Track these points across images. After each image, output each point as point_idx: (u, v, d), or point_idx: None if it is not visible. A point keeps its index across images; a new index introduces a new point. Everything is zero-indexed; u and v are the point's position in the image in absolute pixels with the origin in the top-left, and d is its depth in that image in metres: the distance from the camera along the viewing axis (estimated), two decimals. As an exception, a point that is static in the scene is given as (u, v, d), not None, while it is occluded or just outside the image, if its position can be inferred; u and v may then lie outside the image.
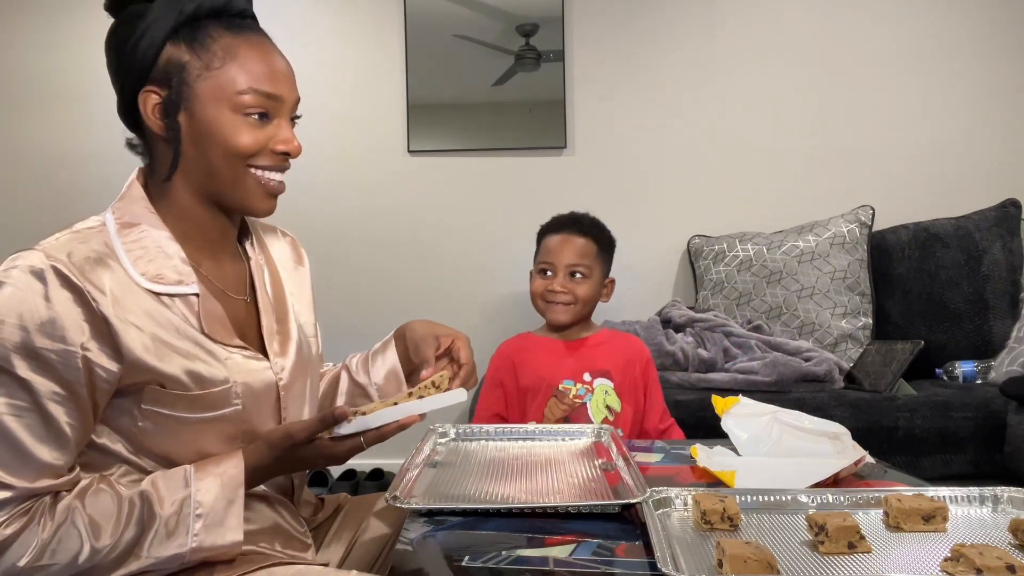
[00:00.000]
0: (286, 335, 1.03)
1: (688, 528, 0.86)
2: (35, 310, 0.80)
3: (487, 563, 0.77)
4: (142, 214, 0.92)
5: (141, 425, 0.88)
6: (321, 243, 2.80)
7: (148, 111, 0.90)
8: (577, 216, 1.77)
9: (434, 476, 1.07)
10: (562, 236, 1.72)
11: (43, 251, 0.83)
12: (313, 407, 1.09)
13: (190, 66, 0.89)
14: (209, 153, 0.91)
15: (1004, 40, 2.77)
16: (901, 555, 0.78)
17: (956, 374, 2.33)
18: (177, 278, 0.91)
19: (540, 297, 1.71)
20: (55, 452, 0.81)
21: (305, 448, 0.91)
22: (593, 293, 1.72)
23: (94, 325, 0.83)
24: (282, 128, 0.94)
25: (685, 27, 2.85)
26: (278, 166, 0.95)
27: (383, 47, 2.87)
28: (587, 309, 1.73)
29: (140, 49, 0.89)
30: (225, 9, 0.92)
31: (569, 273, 1.69)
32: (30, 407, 0.80)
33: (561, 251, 1.70)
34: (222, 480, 0.87)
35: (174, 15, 0.89)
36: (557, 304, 1.68)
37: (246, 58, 0.91)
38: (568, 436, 1.27)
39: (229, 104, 0.90)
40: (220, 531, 0.85)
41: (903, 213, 2.67)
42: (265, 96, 0.91)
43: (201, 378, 0.89)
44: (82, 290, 0.82)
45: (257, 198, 0.95)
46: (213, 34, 0.90)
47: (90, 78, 2.83)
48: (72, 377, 0.81)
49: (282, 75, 0.94)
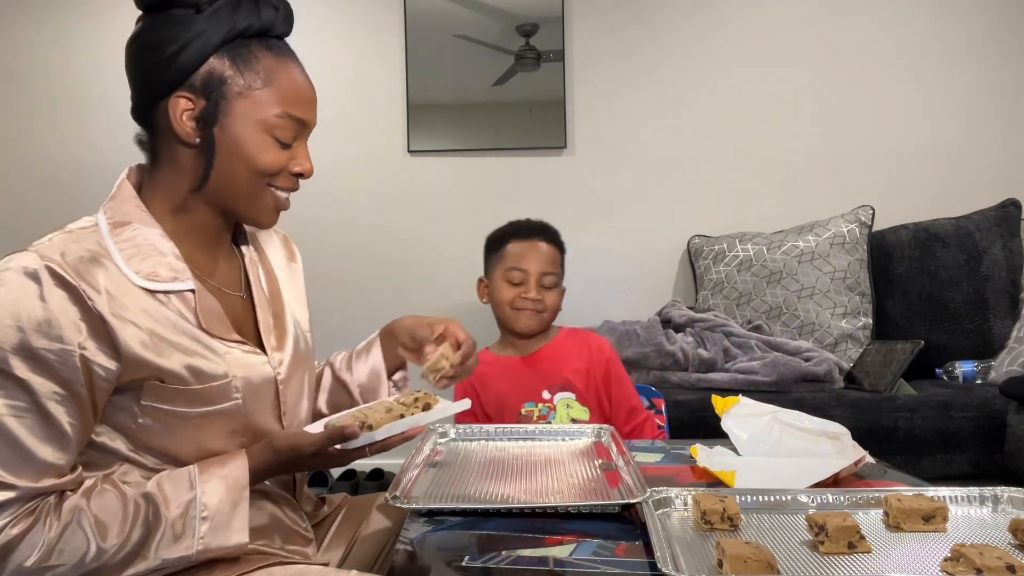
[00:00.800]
0: (283, 330, 1.04)
1: (688, 528, 0.86)
2: (31, 310, 0.80)
3: (487, 563, 0.77)
4: (133, 212, 0.93)
5: (141, 422, 0.88)
6: (321, 243, 2.80)
7: (178, 116, 0.91)
8: (541, 223, 1.74)
9: (434, 476, 1.07)
10: (531, 243, 1.68)
11: (36, 252, 0.83)
12: (311, 401, 1.09)
13: (232, 82, 0.91)
14: (235, 168, 0.93)
15: (1004, 41, 2.77)
16: (901, 555, 0.78)
17: (956, 374, 2.33)
18: (172, 275, 0.91)
19: (510, 305, 1.66)
20: (57, 452, 0.82)
21: (310, 459, 0.92)
22: (559, 302, 1.70)
23: (91, 324, 0.83)
24: (301, 150, 0.98)
25: (685, 27, 2.85)
26: (293, 187, 0.99)
27: (383, 47, 2.87)
28: (554, 317, 1.70)
29: (184, 56, 0.90)
30: (270, 31, 0.95)
31: (540, 282, 1.65)
32: (30, 407, 0.80)
33: (532, 259, 1.66)
34: (227, 482, 0.87)
35: (225, 30, 0.90)
36: (529, 311, 1.65)
37: (284, 82, 0.94)
38: (568, 436, 1.27)
39: (263, 125, 0.93)
40: (226, 533, 0.86)
41: (903, 213, 2.67)
42: (296, 121, 0.95)
43: (200, 373, 0.89)
44: (77, 289, 0.82)
45: (268, 213, 0.99)
46: (257, 54, 0.93)
47: (94, 81, 2.84)
48: (71, 376, 0.81)
49: (311, 101, 0.98)
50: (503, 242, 1.72)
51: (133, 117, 0.96)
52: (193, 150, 0.93)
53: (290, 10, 0.98)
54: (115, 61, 1.00)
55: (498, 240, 1.74)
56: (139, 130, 0.97)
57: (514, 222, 1.77)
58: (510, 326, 1.68)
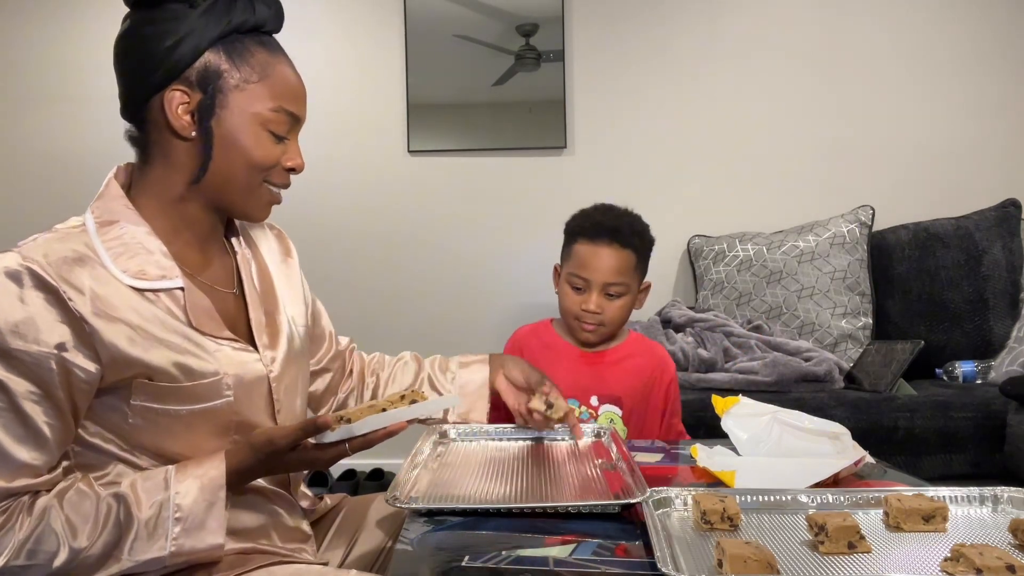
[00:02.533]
0: (276, 327, 1.03)
1: (688, 528, 0.86)
2: (9, 312, 0.80)
3: (487, 563, 0.77)
4: (120, 211, 0.93)
5: (132, 422, 0.88)
6: (321, 242, 2.81)
7: (173, 110, 0.91)
8: (617, 224, 1.53)
9: (434, 476, 1.07)
10: (597, 248, 1.50)
11: (19, 253, 0.83)
12: (303, 398, 1.09)
13: (228, 75, 0.92)
14: (232, 161, 0.94)
15: (1004, 41, 2.77)
16: (901, 555, 0.78)
17: (956, 374, 2.33)
18: (160, 273, 0.91)
19: (570, 313, 1.54)
20: (33, 452, 0.81)
21: (288, 454, 0.90)
22: (627, 310, 1.55)
23: (71, 325, 0.83)
24: (292, 145, 0.99)
25: (685, 27, 2.85)
26: (286, 183, 1.00)
27: (383, 47, 2.87)
28: (618, 329, 1.58)
29: (180, 50, 0.90)
30: (263, 27, 0.96)
31: (604, 291, 1.50)
32: (6, 407, 0.80)
33: (597, 267, 1.49)
34: (201, 482, 0.86)
35: (221, 24, 0.91)
36: (589, 325, 1.53)
37: (277, 77, 0.95)
38: (568, 436, 1.27)
39: (258, 118, 0.94)
40: (200, 534, 0.85)
41: (903, 213, 2.67)
42: (289, 115, 0.96)
43: (190, 370, 0.89)
44: (57, 290, 0.82)
45: (261, 208, 1.00)
46: (251, 49, 0.94)
47: (87, 77, 2.83)
48: (47, 378, 0.81)
49: (303, 97, 0.99)
50: (574, 238, 1.56)
51: (123, 114, 0.96)
52: (188, 144, 0.93)
53: (281, 8, 0.99)
54: (100, 58, 1.00)
55: (570, 233, 1.58)
56: (128, 126, 0.97)
57: (590, 212, 1.58)
58: (571, 333, 1.59)
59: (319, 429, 0.88)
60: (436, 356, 1.32)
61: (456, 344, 1.64)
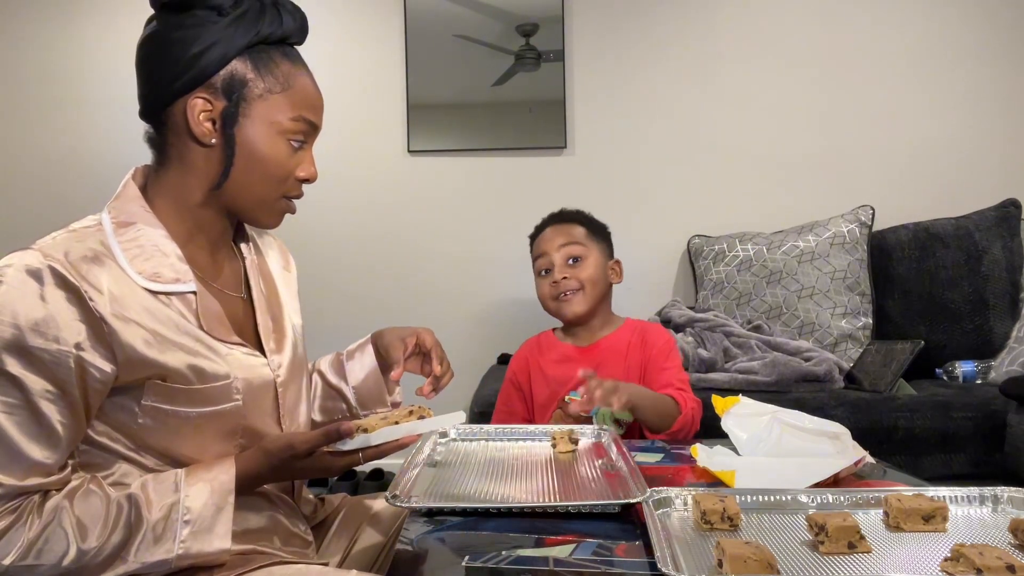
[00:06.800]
0: (282, 333, 1.04)
1: (688, 528, 0.86)
2: (30, 309, 0.80)
3: (487, 563, 0.77)
4: (138, 213, 0.93)
5: (141, 422, 0.88)
6: (321, 243, 2.81)
7: (195, 116, 0.92)
8: (560, 211, 1.75)
9: (434, 476, 1.07)
10: (549, 229, 1.69)
11: (40, 250, 0.83)
12: (307, 406, 1.09)
13: (253, 84, 0.93)
14: (252, 169, 0.95)
15: (1004, 40, 2.77)
16: (901, 555, 0.78)
17: (956, 374, 2.33)
18: (174, 276, 0.91)
19: (548, 298, 1.64)
20: (46, 451, 0.81)
21: (304, 460, 0.91)
22: (597, 274, 1.63)
23: (90, 325, 0.83)
24: (307, 155, 1.00)
25: (685, 27, 2.85)
26: (299, 194, 1.01)
27: (383, 47, 2.87)
28: (597, 291, 1.63)
29: (207, 57, 0.91)
30: (288, 38, 0.98)
31: (565, 261, 1.63)
32: (21, 405, 0.80)
33: (550, 242, 1.65)
34: (212, 487, 0.87)
35: (250, 35, 0.92)
36: (566, 295, 1.61)
37: (299, 87, 0.97)
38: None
39: (278, 127, 0.95)
40: (208, 538, 0.85)
41: (903, 213, 2.67)
42: (308, 124, 0.98)
43: (203, 373, 0.89)
44: (78, 289, 0.82)
45: (274, 216, 1.01)
46: (276, 60, 0.95)
47: (97, 81, 2.84)
48: (64, 376, 0.81)
49: (321, 107, 1.01)
50: (531, 241, 1.74)
51: (142, 116, 0.97)
52: (206, 150, 0.93)
53: (306, 21, 1.01)
54: (117, 62, 1.00)
55: (530, 241, 1.75)
56: (147, 127, 0.97)
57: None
58: (560, 318, 1.67)
59: (342, 435, 0.89)
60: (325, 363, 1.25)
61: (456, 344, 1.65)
